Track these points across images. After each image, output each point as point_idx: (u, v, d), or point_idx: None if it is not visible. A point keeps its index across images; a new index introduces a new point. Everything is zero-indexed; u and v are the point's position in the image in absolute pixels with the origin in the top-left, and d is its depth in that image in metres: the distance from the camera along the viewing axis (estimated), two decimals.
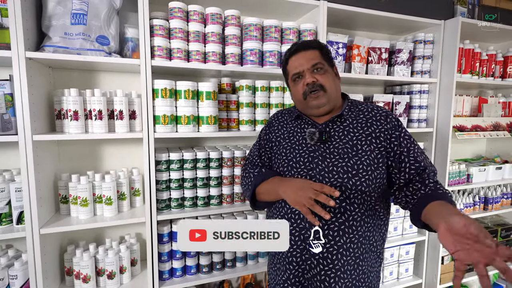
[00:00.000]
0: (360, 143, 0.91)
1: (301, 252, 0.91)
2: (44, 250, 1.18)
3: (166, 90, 1.25)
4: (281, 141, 1.02)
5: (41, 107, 1.21)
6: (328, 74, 0.95)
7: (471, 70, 1.84)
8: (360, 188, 0.88)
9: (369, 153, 0.90)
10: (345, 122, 0.95)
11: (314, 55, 0.95)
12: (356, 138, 0.92)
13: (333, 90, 0.95)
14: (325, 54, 0.97)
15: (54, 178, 1.33)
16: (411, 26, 1.81)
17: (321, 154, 0.92)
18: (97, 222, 1.25)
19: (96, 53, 1.18)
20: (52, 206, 1.31)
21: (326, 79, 0.94)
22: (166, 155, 1.33)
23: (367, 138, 0.91)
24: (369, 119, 0.94)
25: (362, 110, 0.97)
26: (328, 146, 0.92)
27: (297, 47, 0.97)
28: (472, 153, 2.34)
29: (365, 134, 0.92)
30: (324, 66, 0.95)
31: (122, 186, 1.34)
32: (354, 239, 0.89)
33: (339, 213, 0.88)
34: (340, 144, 0.91)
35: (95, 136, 1.21)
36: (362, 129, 0.93)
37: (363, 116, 0.95)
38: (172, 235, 1.39)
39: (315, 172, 0.90)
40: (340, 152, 0.90)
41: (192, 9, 1.29)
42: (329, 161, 0.90)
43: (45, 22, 1.15)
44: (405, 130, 0.96)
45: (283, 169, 0.97)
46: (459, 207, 1.92)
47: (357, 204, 0.89)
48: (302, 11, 1.55)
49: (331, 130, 0.94)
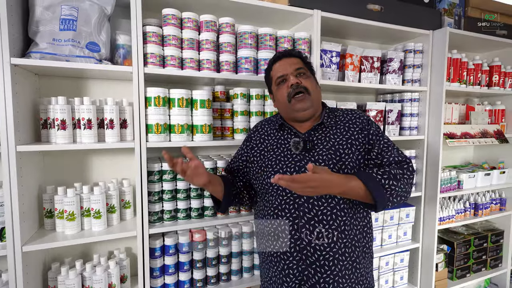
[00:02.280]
0: (342, 148, 0.95)
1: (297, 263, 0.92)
2: (26, 269, 1.10)
3: (159, 98, 1.21)
4: (266, 154, 1.02)
5: (26, 116, 1.15)
6: (312, 79, 1.00)
7: (459, 79, 1.88)
8: None
9: (351, 156, 0.94)
10: (326, 129, 0.99)
11: (296, 61, 1.01)
12: (338, 143, 0.96)
13: (316, 94, 1.00)
14: (306, 62, 1.03)
15: (39, 191, 1.26)
16: (401, 36, 1.85)
17: (307, 163, 0.93)
18: (84, 238, 1.18)
19: (86, 60, 1.14)
20: (36, 221, 1.23)
21: (310, 83, 0.99)
22: (159, 165, 1.29)
23: (347, 142, 0.96)
24: (346, 123, 1.00)
25: (338, 116, 1.03)
26: (313, 154, 0.95)
27: (280, 54, 1.03)
28: (461, 159, 2.39)
29: (345, 138, 0.97)
30: (306, 72, 1.00)
31: (112, 198, 1.28)
32: (348, 243, 0.92)
33: (331, 220, 0.91)
34: (324, 151, 0.95)
35: (84, 146, 1.16)
36: (341, 134, 0.98)
37: (340, 121, 1.01)
38: (165, 249, 1.33)
39: None
40: (325, 159, 0.93)
41: (186, 16, 1.26)
42: None
43: (32, 28, 1.10)
44: (376, 126, 1.03)
45: (269, 181, 0.97)
46: (450, 213, 1.94)
47: (346, 209, 0.93)
48: (296, 20, 1.55)
49: (313, 138, 0.98)
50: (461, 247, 2.04)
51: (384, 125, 1.77)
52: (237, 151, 1.19)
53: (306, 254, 0.91)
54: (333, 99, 1.67)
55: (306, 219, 0.91)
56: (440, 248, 2.03)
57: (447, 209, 1.95)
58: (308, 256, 0.91)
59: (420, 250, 1.91)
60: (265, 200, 1.01)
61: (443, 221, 1.92)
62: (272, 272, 0.99)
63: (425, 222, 1.91)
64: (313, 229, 0.90)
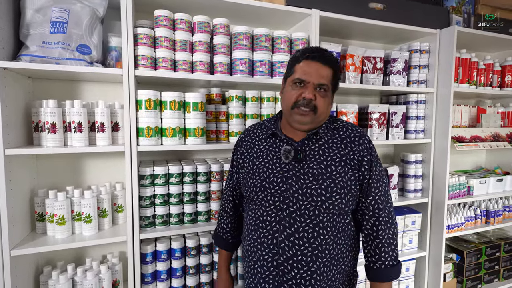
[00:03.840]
0: (334, 164, 0.88)
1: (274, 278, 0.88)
2: (15, 272, 1.09)
3: (150, 101, 1.19)
4: (254, 160, 0.97)
5: (17, 119, 1.14)
6: (327, 99, 0.91)
7: (469, 80, 1.79)
8: (332, 211, 0.86)
9: (343, 175, 0.88)
10: (320, 140, 0.92)
11: (326, 74, 0.89)
12: (331, 159, 0.89)
13: (323, 115, 0.91)
14: (335, 77, 0.92)
15: (31, 194, 1.25)
16: (406, 36, 1.77)
17: (295, 174, 0.88)
18: (75, 242, 1.17)
19: (76, 63, 1.13)
20: (28, 224, 1.23)
21: (323, 103, 0.89)
22: (151, 169, 1.26)
23: (341, 159, 0.89)
24: (343, 139, 0.92)
25: (337, 129, 0.95)
26: (303, 165, 0.89)
27: (318, 56, 0.89)
28: (472, 164, 2.28)
29: (340, 155, 0.90)
30: (328, 90, 0.90)
31: (103, 202, 1.26)
32: (328, 262, 0.87)
33: (312, 238, 0.86)
34: (315, 164, 0.88)
35: (74, 150, 1.14)
36: (337, 149, 0.91)
37: (338, 136, 0.93)
38: (157, 254, 1.30)
39: (289, 194, 0.87)
40: (315, 173, 0.87)
41: (178, 17, 1.24)
42: (303, 182, 0.87)
43: (23, 31, 1.10)
44: (376, 157, 0.95)
45: (255, 189, 0.92)
46: (459, 220, 1.85)
47: (330, 227, 0.87)
48: (295, 20, 1.51)
49: (306, 148, 0.91)
50: (471, 256, 1.94)
51: (388, 128, 1.70)
52: (230, 163, 1.12)
53: (283, 270, 0.86)
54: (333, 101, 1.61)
55: (286, 235, 0.86)
56: (449, 257, 1.93)
57: (456, 216, 1.85)
58: (285, 272, 0.86)
59: (427, 259, 1.83)
60: (249, 209, 0.96)
61: (451, 229, 1.83)
62: (248, 284, 0.95)
63: (432, 229, 1.82)
64: (291, 246, 0.85)
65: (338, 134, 0.93)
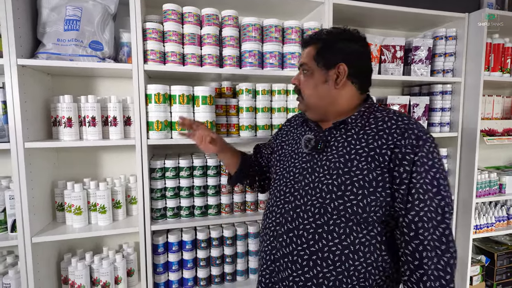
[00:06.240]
0: (357, 159, 0.73)
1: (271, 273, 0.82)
2: (37, 259, 1.16)
3: (159, 95, 1.20)
4: (285, 147, 0.93)
5: (37, 114, 1.21)
6: (310, 80, 0.81)
7: (501, 67, 1.64)
8: (344, 214, 0.72)
9: (366, 173, 0.71)
10: (349, 131, 0.78)
11: (307, 53, 0.82)
12: (356, 152, 0.74)
13: (314, 98, 0.81)
14: (321, 52, 0.79)
15: (52, 185, 1.33)
16: (431, 21, 1.65)
17: (311, 166, 0.80)
18: (91, 231, 1.22)
19: (88, 59, 1.16)
20: (49, 214, 1.30)
21: (306, 84, 0.82)
22: (161, 162, 1.28)
23: (368, 154, 0.73)
24: (380, 131, 0.74)
25: (377, 119, 0.77)
26: (321, 157, 0.79)
27: (303, 41, 0.86)
28: (505, 159, 2.10)
29: (368, 148, 0.73)
30: (310, 69, 0.80)
31: (118, 194, 1.31)
32: (331, 276, 0.72)
33: (312, 240, 0.74)
34: (335, 156, 0.76)
35: (89, 143, 1.19)
36: (366, 141, 0.74)
37: (374, 126, 0.76)
38: (168, 246, 1.33)
39: (299, 186, 0.80)
40: (331, 166, 0.76)
41: (187, 11, 1.24)
42: (316, 176, 0.78)
43: (40, 29, 1.15)
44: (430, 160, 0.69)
45: (275, 177, 0.89)
46: (489, 220, 1.71)
47: (338, 234, 0.72)
48: (307, 10, 1.45)
49: (331, 138, 0.79)
50: (503, 259, 1.80)
51: None
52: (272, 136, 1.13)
53: (278, 267, 0.80)
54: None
55: (285, 229, 0.79)
56: (477, 259, 1.80)
57: (486, 216, 1.72)
58: (280, 270, 0.79)
59: None
60: (269, 194, 0.93)
61: (480, 229, 1.70)
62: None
63: (458, 229, 1.70)
64: (289, 243, 0.77)
65: (376, 124, 0.76)
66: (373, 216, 0.70)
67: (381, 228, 0.72)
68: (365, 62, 0.82)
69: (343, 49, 0.78)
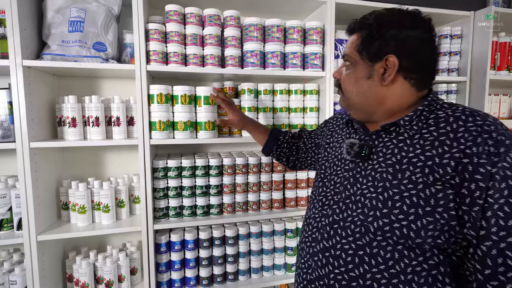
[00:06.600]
0: (410, 169, 0.59)
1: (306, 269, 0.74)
2: (42, 257, 1.18)
3: (161, 95, 1.21)
4: (328, 149, 0.82)
5: (42, 114, 1.23)
6: (352, 74, 0.68)
7: (508, 66, 1.61)
8: (390, 236, 0.58)
9: (421, 187, 0.57)
10: (402, 135, 0.63)
11: (351, 42, 0.69)
12: (409, 161, 0.59)
13: (355, 96, 0.68)
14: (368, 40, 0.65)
15: (57, 184, 1.35)
16: (435, 20, 1.58)
17: (354, 176, 0.68)
18: (95, 230, 1.24)
19: (92, 60, 1.18)
20: (54, 212, 1.32)
21: (347, 79, 0.69)
22: (164, 162, 1.29)
23: (425, 163, 0.57)
24: (442, 135, 0.58)
25: (438, 119, 0.61)
26: (366, 166, 0.66)
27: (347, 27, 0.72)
28: None
29: (425, 156, 0.58)
30: (353, 61, 0.68)
31: (121, 193, 1.32)
32: None
33: (351, 263, 0.63)
34: (382, 165, 0.63)
35: (93, 143, 1.21)
36: (422, 148, 0.59)
37: (434, 128, 0.60)
38: (171, 245, 1.34)
39: (338, 198, 0.69)
40: (377, 178, 0.63)
41: (189, 12, 1.25)
42: (358, 187, 0.65)
43: (45, 31, 1.17)
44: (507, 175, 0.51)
45: (316, 183, 0.81)
46: None
47: (383, 259, 0.59)
48: (309, 9, 1.45)
49: (379, 144, 0.66)
50: None
51: None
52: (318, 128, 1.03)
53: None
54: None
55: (321, 247, 0.68)
56: None
57: None
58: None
59: None
60: (309, 202, 0.83)
61: None
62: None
63: None
64: (325, 263, 0.66)
65: (436, 126, 0.60)
66: (431, 243, 0.56)
67: (444, 256, 0.58)
68: (425, 53, 0.64)
69: (394, 36, 0.62)
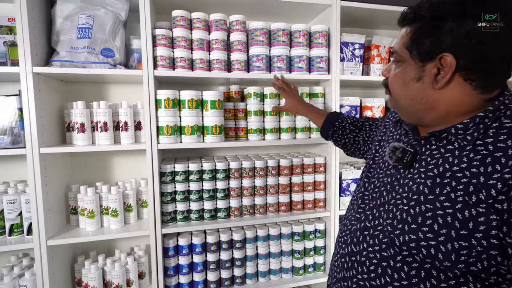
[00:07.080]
0: (451, 185, 0.52)
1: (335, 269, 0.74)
2: (52, 261, 1.19)
3: (169, 100, 1.22)
4: (378, 148, 0.77)
5: (52, 120, 1.24)
6: (400, 74, 0.60)
7: None
8: (415, 252, 0.55)
9: (460, 207, 0.50)
10: (451, 144, 0.56)
11: (400, 37, 0.60)
12: (451, 176, 0.53)
13: (403, 99, 0.61)
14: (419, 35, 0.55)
15: (66, 189, 1.36)
16: None
17: (391, 183, 0.63)
18: (103, 234, 1.25)
19: (100, 66, 1.19)
20: (63, 217, 1.33)
21: (394, 80, 0.62)
22: (171, 166, 1.30)
23: (470, 181, 0.50)
24: (500, 150, 0.49)
25: (501, 129, 0.51)
26: (406, 174, 0.61)
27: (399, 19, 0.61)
28: None
29: (471, 172, 0.51)
30: (401, 59, 0.59)
31: (129, 197, 1.33)
32: None
33: (373, 272, 0.61)
34: (421, 176, 0.57)
35: (101, 148, 1.22)
36: (469, 163, 0.52)
37: (492, 141, 0.51)
38: (178, 249, 1.34)
39: (373, 204, 0.67)
40: (412, 189, 0.57)
41: (195, 17, 1.26)
42: (393, 196, 0.61)
43: (54, 38, 1.19)
44: None
45: (360, 182, 0.78)
46: None
47: (406, 274, 0.56)
48: (314, 13, 1.46)
49: (426, 151, 0.59)
50: None
51: None
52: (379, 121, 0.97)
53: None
54: (358, 95, 1.54)
55: (349, 251, 0.67)
56: None
57: None
58: None
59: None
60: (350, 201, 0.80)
61: None
62: None
63: None
64: (350, 266, 0.66)
65: (495, 139, 0.51)
66: (463, 269, 0.50)
67: (482, 285, 0.51)
68: (495, 48, 0.51)
69: (452, 30, 0.51)
